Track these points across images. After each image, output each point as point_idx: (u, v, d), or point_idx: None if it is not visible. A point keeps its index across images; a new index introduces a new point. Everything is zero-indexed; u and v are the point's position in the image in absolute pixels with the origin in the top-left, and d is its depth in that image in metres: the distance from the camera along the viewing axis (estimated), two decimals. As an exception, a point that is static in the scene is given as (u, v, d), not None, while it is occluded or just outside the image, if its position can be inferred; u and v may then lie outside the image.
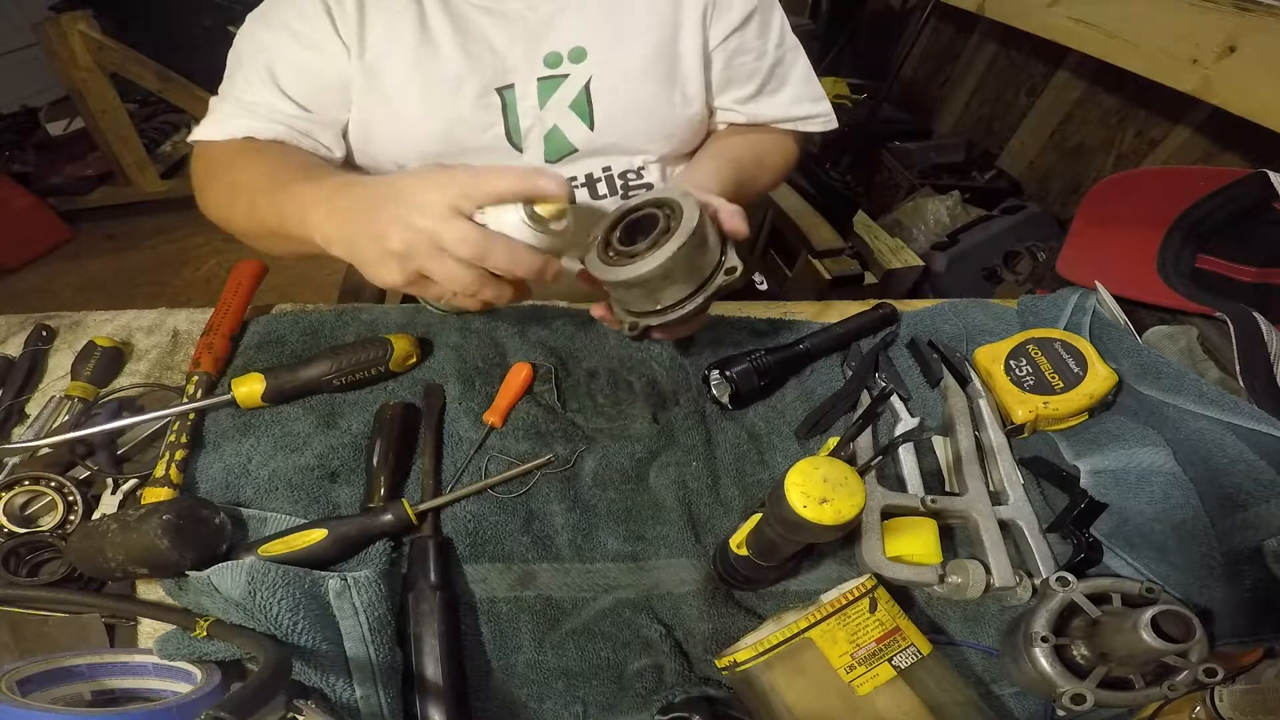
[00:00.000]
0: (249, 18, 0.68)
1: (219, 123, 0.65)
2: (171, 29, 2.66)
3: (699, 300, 0.53)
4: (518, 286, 0.50)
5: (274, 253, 0.64)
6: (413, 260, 0.46)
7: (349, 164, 0.73)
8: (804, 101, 0.80)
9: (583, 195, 0.76)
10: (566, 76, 0.69)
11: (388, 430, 0.58)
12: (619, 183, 0.76)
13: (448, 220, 0.46)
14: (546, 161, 0.72)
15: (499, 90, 0.68)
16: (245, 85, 0.66)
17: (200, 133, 0.66)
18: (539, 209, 0.47)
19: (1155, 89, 1.20)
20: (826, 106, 0.81)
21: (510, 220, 0.47)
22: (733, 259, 0.53)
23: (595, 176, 0.75)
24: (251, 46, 0.66)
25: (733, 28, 0.72)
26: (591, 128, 0.71)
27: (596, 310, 0.60)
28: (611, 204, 0.75)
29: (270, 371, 0.60)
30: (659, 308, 0.53)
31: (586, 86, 0.70)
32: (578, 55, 0.69)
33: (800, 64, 0.79)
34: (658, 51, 0.70)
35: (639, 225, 0.54)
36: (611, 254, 0.53)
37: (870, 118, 1.96)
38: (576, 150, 0.73)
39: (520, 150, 0.72)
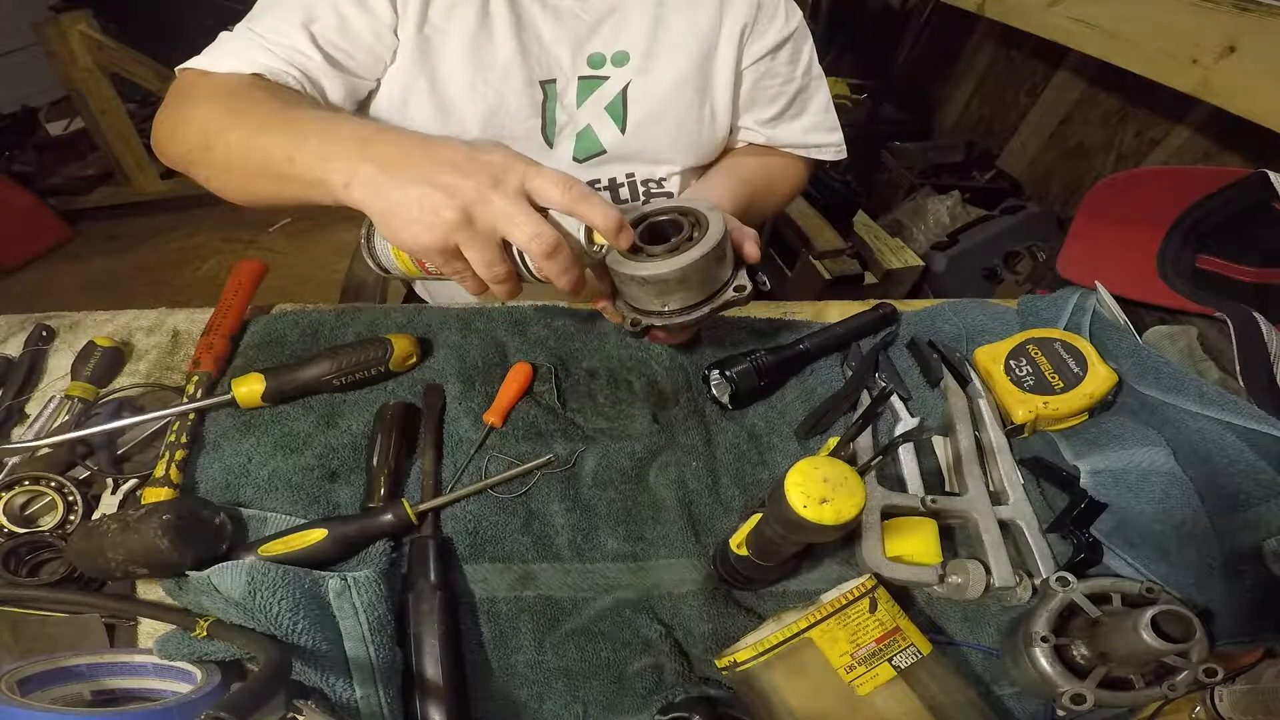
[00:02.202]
0: None
1: (227, 55, 0.60)
2: (171, 29, 2.67)
3: (704, 310, 0.54)
4: (520, 285, 0.51)
5: (249, 195, 0.57)
6: (462, 232, 0.44)
7: None
8: (820, 130, 0.82)
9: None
10: (607, 79, 0.71)
11: (388, 430, 0.58)
12: (641, 190, 0.77)
13: (525, 208, 0.44)
14: (574, 161, 0.74)
15: (542, 84, 0.69)
16: (272, 24, 0.62)
17: (198, 62, 0.61)
18: (597, 237, 0.50)
19: (1155, 89, 1.20)
20: (839, 137, 0.84)
21: (564, 230, 0.48)
22: (743, 279, 0.55)
23: (619, 181, 0.77)
24: None
25: (766, 51, 0.74)
26: (623, 131, 0.72)
27: (598, 303, 0.60)
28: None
29: (270, 371, 0.60)
30: (665, 309, 0.54)
31: (624, 91, 0.71)
32: (620, 59, 0.70)
33: (821, 93, 0.81)
34: (695, 65, 0.72)
35: (661, 229, 0.55)
36: (629, 250, 0.54)
37: (870, 118, 1.97)
38: (605, 152, 0.74)
39: (551, 146, 0.73)
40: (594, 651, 0.50)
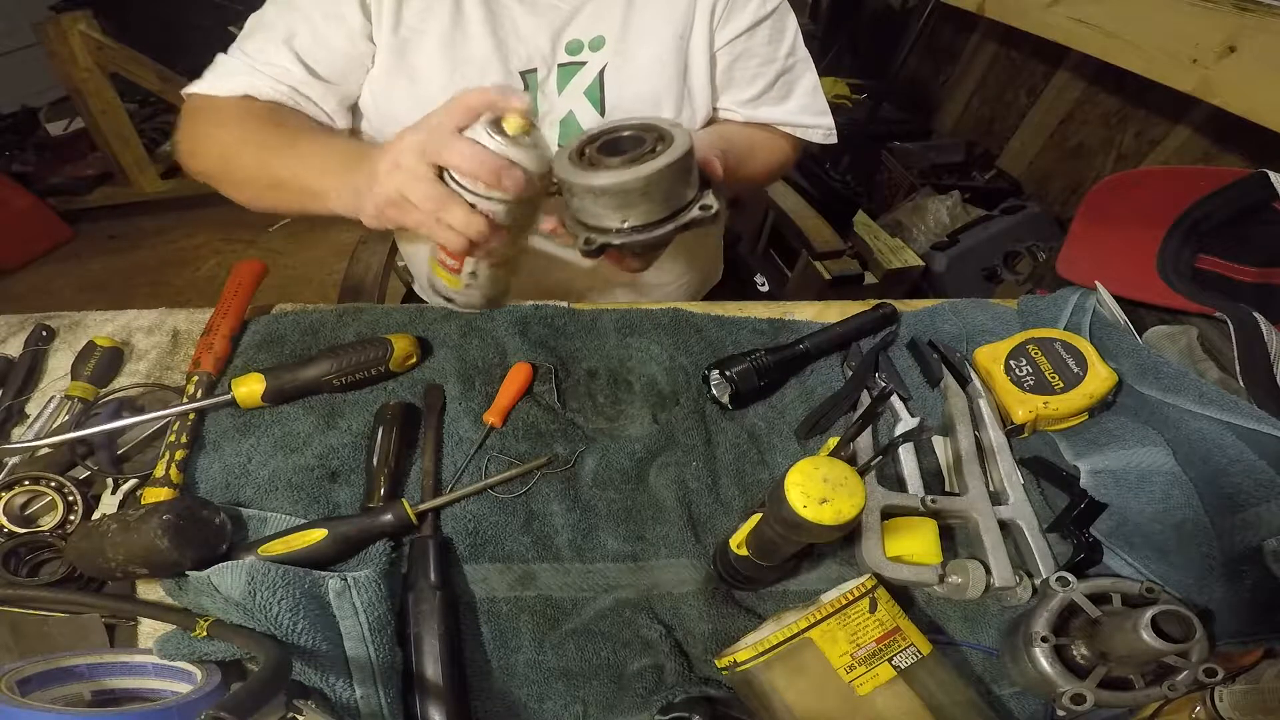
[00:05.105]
0: None
1: (222, 77, 0.67)
2: (171, 29, 2.66)
3: (668, 228, 0.51)
4: (493, 225, 0.52)
5: (263, 204, 0.66)
6: (394, 176, 0.51)
7: (353, 135, 0.75)
8: (808, 113, 0.81)
9: None
10: (584, 64, 0.71)
11: (388, 430, 0.58)
12: None
13: (426, 131, 0.51)
14: (559, 148, 0.74)
15: (522, 74, 0.71)
16: (260, 46, 0.68)
17: (200, 86, 0.68)
18: (504, 123, 0.50)
19: (1155, 89, 1.20)
20: (829, 121, 0.83)
21: (478, 134, 0.50)
22: (710, 198, 0.52)
23: None
24: (277, 10, 0.68)
25: (741, 31, 0.74)
26: (602, 114, 0.73)
27: (547, 224, 0.58)
28: None
29: (270, 371, 0.60)
30: (625, 225, 0.51)
31: (600, 74, 0.72)
32: (597, 44, 0.71)
33: (808, 77, 0.81)
34: (671, 47, 0.72)
35: (619, 144, 0.53)
36: (585, 157, 0.52)
37: (870, 118, 1.97)
38: None
39: None
40: (594, 651, 0.50)
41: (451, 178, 0.51)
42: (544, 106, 0.72)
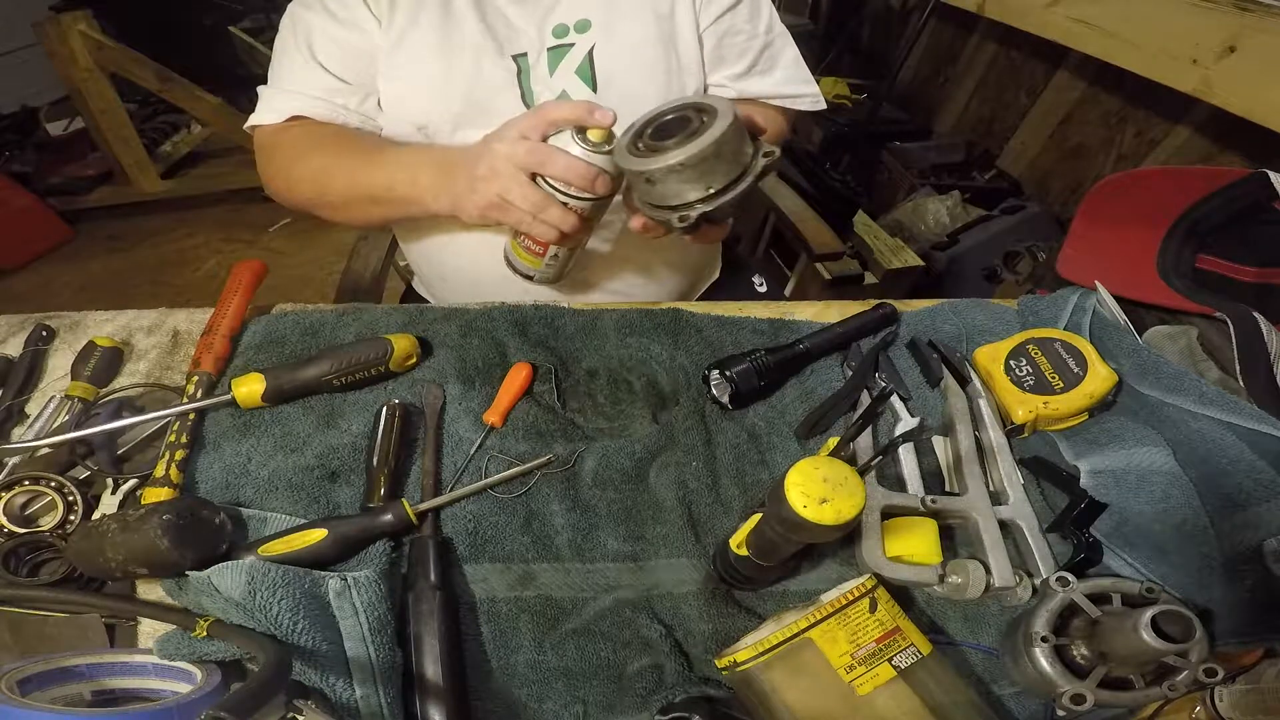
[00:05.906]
0: (292, 3, 0.75)
1: (271, 108, 0.74)
2: (171, 29, 2.67)
3: (749, 181, 0.55)
4: (582, 219, 0.59)
5: (365, 220, 0.76)
6: (494, 181, 0.59)
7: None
8: (794, 83, 0.85)
9: None
10: (572, 46, 0.74)
11: (388, 430, 0.58)
12: None
13: (517, 142, 0.58)
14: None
15: (514, 58, 0.74)
16: (289, 67, 0.74)
17: (255, 119, 0.75)
18: (589, 133, 0.57)
19: (1155, 89, 1.20)
20: (815, 89, 0.86)
21: (565, 142, 0.58)
22: (768, 145, 0.56)
23: None
24: (293, 29, 0.73)
25: (723, 10, 0.78)
26: (594, 90, 0.75)
27: (636, 222, 0.61)
28: None
29: (270, 371, 0.60)
30: (712, 191, 0.55)
31: (590, 53, 0.74)
32: (582, 26, 0.74)
33: (789, 50, 0.85)
34: (655, 26, 0.75)
35: (668, 128, 0.56)
36: (643, 148, 0.55)
37: (870, 118, 1.97)
38: None
39: None
40: (594, 651, 0.50)
41: (546, 181, 0.59)
42: (538, 88, 0.74)
